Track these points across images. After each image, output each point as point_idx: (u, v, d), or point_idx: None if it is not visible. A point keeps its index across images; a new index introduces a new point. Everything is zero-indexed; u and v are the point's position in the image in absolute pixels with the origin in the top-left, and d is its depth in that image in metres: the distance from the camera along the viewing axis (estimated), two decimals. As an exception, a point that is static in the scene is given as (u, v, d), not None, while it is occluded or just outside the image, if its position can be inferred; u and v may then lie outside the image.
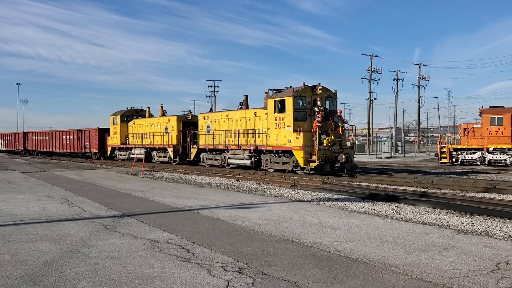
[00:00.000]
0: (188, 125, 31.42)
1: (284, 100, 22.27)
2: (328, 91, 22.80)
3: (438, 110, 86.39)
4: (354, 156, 22.63)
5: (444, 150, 32.43)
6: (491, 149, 30.23)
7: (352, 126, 25.69)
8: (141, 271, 5.84)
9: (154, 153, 34.37)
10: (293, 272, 5.76)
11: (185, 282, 5.37)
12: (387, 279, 5.48)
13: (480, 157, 30.78)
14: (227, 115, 27.17)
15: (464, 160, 31.44)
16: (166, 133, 32.61)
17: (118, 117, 37.89)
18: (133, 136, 36.60)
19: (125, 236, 8.03)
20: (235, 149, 25.97)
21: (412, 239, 7.76)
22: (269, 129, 23.25)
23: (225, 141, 26.75)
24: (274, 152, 23.28)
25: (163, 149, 33.06)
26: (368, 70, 58.18)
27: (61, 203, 12.26)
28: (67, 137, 45.55)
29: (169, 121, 32.64)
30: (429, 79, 65.89)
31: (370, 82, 58.14)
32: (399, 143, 57.00)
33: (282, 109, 22.41)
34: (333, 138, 21.39)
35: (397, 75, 63.01)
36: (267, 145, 23.47)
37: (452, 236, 8.02)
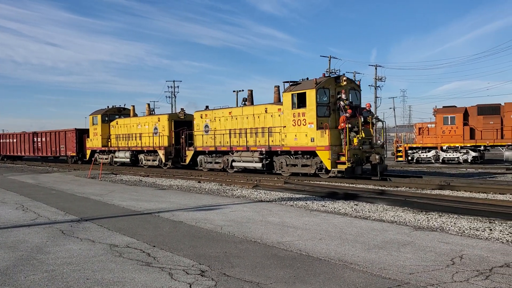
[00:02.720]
0: (181, 124, 28.84)
1: (304, 93, 19.63)
2: (352, 82, 20.53)
3: (394, 110, 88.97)
4: (385, 156, 20.44)
5: (400, 149, 33.37)
6: (444, 148, 31.35)
7: (383, 122, 21.94)
8: (100, 276, 5.70)
9: (141, 156, 31.46)
10: (256, 273, 5.77)
11: (146, 287, 5.28)
12: (348, 277, 5.57)
13: (434, 155, 31.86)
14: (230, 113, 24.37)
15: (420, 159, 32.45)
16: (155, 134, 29.81)
17: (99, 116, 34.53)
18: (116, 138, 33.46)
19: (83, 241, 7.82)
20: (242, 151, 23.15)
21: (371, 236, 7.93)
22: (285, 127, 20.65)
23: (229, 142, 23.98)
24: (293, 153, 20.61)
25: (152, 152, 30.32)
26: (326, 71, 59.06)
27: (15, 209, 11.80)
28: (39, 139, 42.02)
29: (159, 121, 29.92)
30: (385, 80, 67.81)
31: (329, 83, 59.08)
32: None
33: (301, 104, 19.81)
34: (363, 136, 19.03)
35: (354, 76, 64.33)
36: (283, 145, 20.83)
37: (409, 232, 8.25)
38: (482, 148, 30.39)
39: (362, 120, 19.35)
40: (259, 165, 22.18)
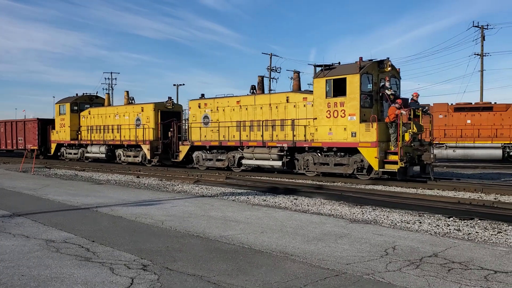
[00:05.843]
0: (168, 115, 25.67)
1: (344, 79, 16.73)
2: (394, 69, 17.59)
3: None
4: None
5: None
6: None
7: (431, 115, 18.91)
8: (36, 273, 5.50)
9: (119, 151, 27.62)
10: (199, 266, 5.81)
11: (86, 282, 5.16)
12: (289, 268, 5.75)
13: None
14: (238, 102, 21.06)
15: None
16: (138, 125, 26.21)
17: (67, 105, 30.48)
18: (89, 130, 29.60)
19: (17, 237, 7.49)
20: (256, 146, 19.90)
21: (310, 229, 8.20)
22: (316, 119, 17.67)
23: (238, 136, 20.72)
24: (326, 149, 17.67)
25: (134, 147, 26.71)
26: (267, 68, 59.76)
27: None
28: None
29: (142, 111, 26.34)
30: (325, 79, 69.38)
31: (270, 80, 59.75)
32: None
33: (339, 92, 16.94)
34: (415, 130, 16.17)
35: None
36: (312, 140, 17.95)
37: (345, 225, 8.60)
38: (413, 146, 31.98)
39: (411, 112, 16.33)
40: (278, 163, 19.00)
